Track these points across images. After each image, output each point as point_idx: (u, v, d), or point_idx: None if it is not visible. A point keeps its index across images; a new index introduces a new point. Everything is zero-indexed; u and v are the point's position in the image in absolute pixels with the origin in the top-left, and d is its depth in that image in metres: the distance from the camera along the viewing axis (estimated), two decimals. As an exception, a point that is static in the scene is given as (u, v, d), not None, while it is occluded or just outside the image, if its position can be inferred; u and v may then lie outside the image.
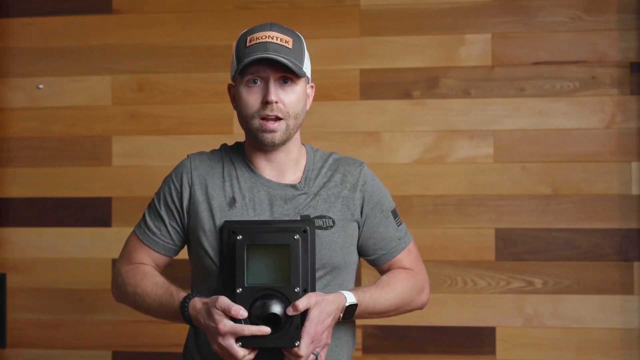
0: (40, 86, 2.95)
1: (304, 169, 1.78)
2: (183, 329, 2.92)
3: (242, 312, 1.55)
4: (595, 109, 2.73)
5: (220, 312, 1.56)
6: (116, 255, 2.85)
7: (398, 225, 1.82)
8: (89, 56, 2.93)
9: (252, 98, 1.69)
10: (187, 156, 1.82)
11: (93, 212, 2.91)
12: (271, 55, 1.64)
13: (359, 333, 2.75)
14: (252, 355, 1.57)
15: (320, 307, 1.58)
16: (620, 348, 2.69)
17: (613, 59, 2.72)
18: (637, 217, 2.70)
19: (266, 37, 1.67)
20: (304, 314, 1.57)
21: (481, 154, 2.77)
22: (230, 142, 1.87)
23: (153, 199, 1.81)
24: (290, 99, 1.69)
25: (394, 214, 1.83)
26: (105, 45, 2.93)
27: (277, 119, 1.68)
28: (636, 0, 2.71)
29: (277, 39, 1.66)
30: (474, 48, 2.78)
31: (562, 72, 2.75)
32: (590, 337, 2.71)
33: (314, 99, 1.84)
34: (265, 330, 1.55)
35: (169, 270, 1.83)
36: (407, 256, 1.83)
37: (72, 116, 2.94)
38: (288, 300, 1.57)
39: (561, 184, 2.73)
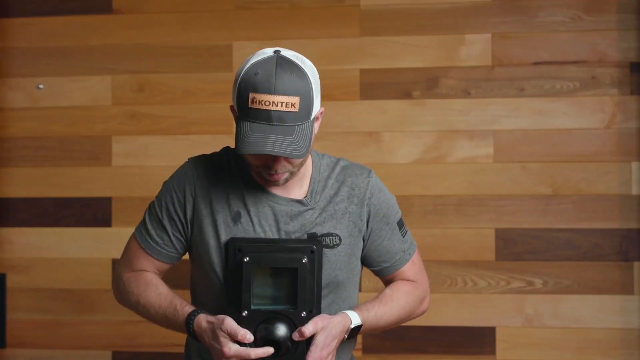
0: (40, 86, 2.95)
1: (310, 181, 1.73)
2: (183, 329, 2.87)
3: (249, 337, 1.54)
4: (595, 109, 2.73)
5: (225, 335, 1.54)
6: (116, 255, 2.84)
7: (403, 236, 1.80)
8: (89, 56, 2.93)
9: (254, 160, 1.62)
10: (188, 161, 1.76)
11: (93, 212, 2.91)
12: (274, 151, 1.53)
13: (359, 333, 2.76)
14: None
15: (326, 331, 1.57)
16: (620, 348, 2.69)
17: (613, 59, 2.72)
18: (637, 217, 2.70)
19: (270, 103, 1.53)
20: (310, 338, 1.56)
21: (481, 154, 2.77)
22: (230, 142, 1.84)
23: (154, 203, 1.75)
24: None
25: (400, 224, 1.79)
26: (105, 45, 2.93)
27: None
28: (636, 0, 2.71)
29: (282, 105, 1.53)
30: (474, 48, 2.78)
31: (562, 72, 2.75)
32: (590, 337, 2.71)
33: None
34: (270, 351, 1.54)
35: (168, 271, 1.82)
36: (411, 268, 1.81)
37: (72, 116, 2.94)
38: (294, 324, 1.56)
39: (561, 184, 2.73)
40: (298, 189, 1.71)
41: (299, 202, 1.70)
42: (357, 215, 1.72)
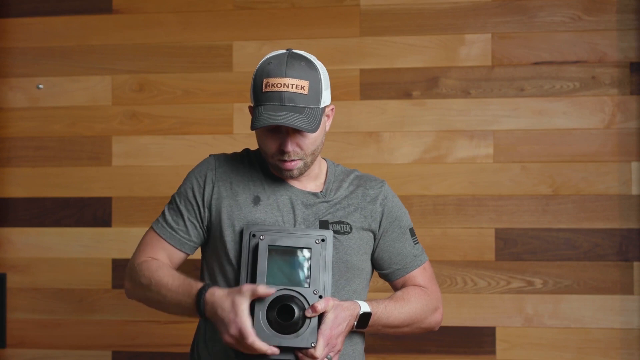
0: (40, 86, 2.95)
1: (325, 181, 1.82)
2: (183, 329, 2.91)
3: (269, 289, 1.58)
4: (595, 109, 2.73)
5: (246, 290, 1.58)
6: (116, 255, 2.84)
7: (415, 244, 1.86)
8: (89, 56, 2.93)
9: (269, 143, 1.71)
10: (210, 155, 1.85)
11: (93, 212, 2.91)
12: (285, 122, 1.63)
13: (359, 333, 2.75)
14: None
15: (336, 311, 1.61)
16: (620, 348, 2.69)
17: (613, 59, 2.72)
18: (637, 217, 2.70)
19: (281, 85, 1.65)
20: (320, 317, 1.59)
21: (481, 154, 2.77)
22: (230, 142, 1.87)
23: (174, 196, 1.83)
24: (307, 142, 1.70)
25: (412, 232, 1.86)
26: (105, 45, 2.93)
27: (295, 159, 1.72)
28: (636, 0, 2.71)
29: (292, 87, 1.65)
30: (474, 48, 2.78)
31: (562, 72, 2.75)
32: (590, 337, 2.71)
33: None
34: (275, 351, 1.56)
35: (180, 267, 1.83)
36: (422, 274, 1.85)
37: (72, 116, 2.94)
38: (307, 302, 1.59)
39: (561, 184, 2.73)
40: (314, 185, 1.80)
41: (314, 194, 1.78)
42: (369, 212, 1.79)
